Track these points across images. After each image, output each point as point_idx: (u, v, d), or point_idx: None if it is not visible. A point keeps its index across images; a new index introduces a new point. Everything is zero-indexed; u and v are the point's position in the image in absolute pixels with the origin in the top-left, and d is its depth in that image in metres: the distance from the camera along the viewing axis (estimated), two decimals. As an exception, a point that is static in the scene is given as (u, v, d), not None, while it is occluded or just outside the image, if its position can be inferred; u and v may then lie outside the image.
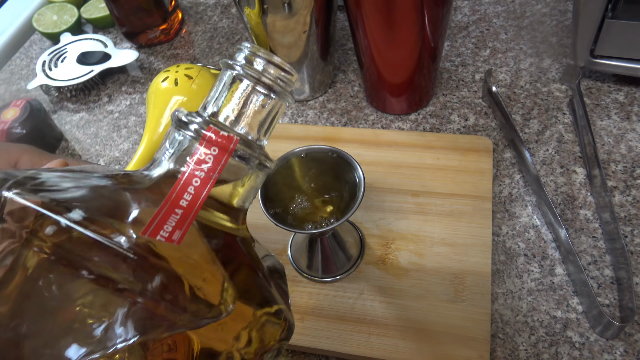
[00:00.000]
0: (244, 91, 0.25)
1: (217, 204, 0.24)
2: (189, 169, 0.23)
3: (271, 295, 0.25)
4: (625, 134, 0.49)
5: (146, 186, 0.24)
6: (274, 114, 0.26)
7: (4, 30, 0.80)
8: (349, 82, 0.60)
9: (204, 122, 0.24)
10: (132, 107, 0.64)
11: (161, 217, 0.21)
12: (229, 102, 0.25)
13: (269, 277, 0.25)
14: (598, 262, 0.42)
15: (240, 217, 0.26)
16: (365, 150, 0.51)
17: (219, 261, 0.23)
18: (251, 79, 0.25)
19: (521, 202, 0.46)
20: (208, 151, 0.23)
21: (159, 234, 0.21)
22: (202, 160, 0.23)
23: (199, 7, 0.76)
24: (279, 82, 0.25)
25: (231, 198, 0.25)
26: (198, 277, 0.22)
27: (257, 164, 0.25)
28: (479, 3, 0.65)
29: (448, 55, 0.60)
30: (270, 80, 0.25)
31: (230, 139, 0.23)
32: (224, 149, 0.23)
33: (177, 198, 0.22)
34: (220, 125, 0.24)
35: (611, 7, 0.47)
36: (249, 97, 0.25)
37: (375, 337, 0.39)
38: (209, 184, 0.23)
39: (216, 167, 0.23)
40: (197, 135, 0.23)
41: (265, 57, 0.25)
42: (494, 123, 0.53)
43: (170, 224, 0.21)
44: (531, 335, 0.39)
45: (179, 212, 0.22)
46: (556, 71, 0.56)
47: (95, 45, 0.68)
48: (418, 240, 0.44)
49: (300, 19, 0.49)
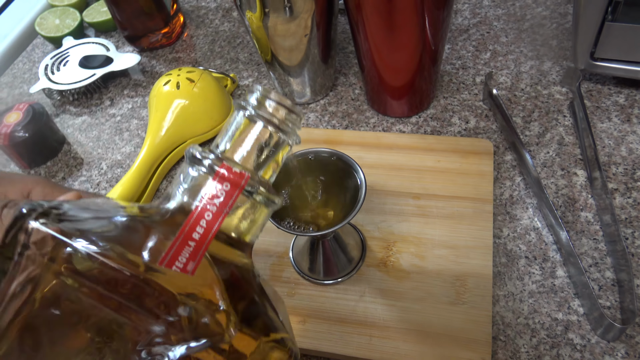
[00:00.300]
0: (255, 131, 0.26)
1: (225, 236, 0.26)
2: (202, 203, 0.24)
3: (275, 323, 0.26)
4: (626, 136, 0.49)
5: (161, 219, 0.25)
6: (282, 152, 0.27)
7: (6, 34, 0.81)
8: (350, 85, 0.60)
9: (217, 159, 0.25)
10: (134, 110, 0.64)
11: (176, 248, 0.23)
12: (241, 141, 0.26)
13: (274, 308, 0.26)
14: (599, 264, 0.42)
15: (247, 250, 0.27)
16: (366, 153, 0.51)
17: (224, 290, 0.24)
18: (262, 120, 0.26)
19: (522, 205, 0.46)
20: (220, 186, 0.24)
21: (175, 265, 0.22)
22: (215, 195, 0.24)
23: (201, 10, 0.76)
24: (287, 122, 0.27)
25: (239, 231, 0.26)
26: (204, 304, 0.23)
27: (265, 200, 0.26)
28: (479, 6, 0.66)
29: (449, 58, 0.60)
30: (279, 121, 0.26)
31: (242, 175, 0.25)
32: (235, 185, 0.24)
33: (190, 230, 0.23)
34: (233, 162, 0.26)
35: (611, 10, 0.47)
36: (259, 136, 0.26)
37: (376, 340, 0.39)
38: (220, 218, 0.24)
39: (228, 202, 0.24)
40: (211, 171, 0.25)
41: (275, 100, 0.27)
42: (494, 126, 0.53)
43: (185, 255, 0.23)
44: (532, 338, 0.39)
45: (192, 244, 0.23)
46: (557, 74, 0.56)
47: (98, 49, 0.68)
48: (419, 242, 0.44)
49: (302, 23, 0.49)
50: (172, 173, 0.56)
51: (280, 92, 0.59)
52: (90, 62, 0.66)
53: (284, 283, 0.44)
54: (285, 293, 0.43)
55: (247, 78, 0.64)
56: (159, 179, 0.55)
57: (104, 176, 0.57)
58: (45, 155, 0.61)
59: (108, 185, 0.56)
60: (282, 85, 0.58)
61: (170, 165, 0.56)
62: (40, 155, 0.60)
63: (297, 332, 0.41)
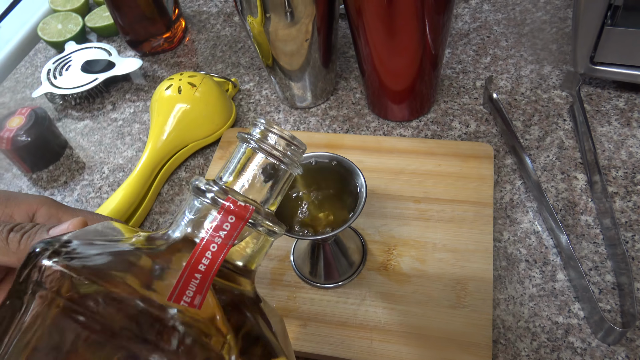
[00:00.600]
0: (258, 163, 0.27)
1: (229, 265, 0.26)
2: (207, 235, 0.25)
3: (275, 348, 0.26)
4: (626, 140, 0.49)
5: (166, 250, 0.25)
6: (283, 183, 0.28)
7: (9, 39, 0.81)
8: (350, 90, 0.61)
9: (222, 192, 0.26)
10: (136, 114, 0.64)
11: (183, 282, 0.23)
12: (244, 173, 0.27)
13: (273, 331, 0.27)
14: (599, 267, 0.42)
15: (251, 277, 0.28)
16: (367, 157, 0.51)
17: (225, 318, 0.25)
18: (264, 152, 0.27)
19: (522, 208, 0.47)
20: (225, 219, 0.25)
21: (182, 300, 0.23)
22: (220, 227, 0.25)
23: (202, 15, 0.76)
24: (289, 154, 0.27)
25: (243, 261, 0.27)
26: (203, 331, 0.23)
27: (267, 231, 0.27)
28: (479, 11, 0.66)
29: (449, 63, 0.61)
30: (281, 153, 0.27)
31: (246, 208, 0.25)
32: (240, 218, 0.25)
33: (196, 263, 0.24)
34: (237, 194, 0.26)
35: (610, 15, 0.47)
36: (262, 168, 0.27)
37: (377, 343, 0.39)
38: (225, 250, 0.25)
39: (232, 234, 0.25)
40: (216, 204, 0.25)
41: (277, 133, 0.27)
42: (494, 130, 0.53)
43: (192, 289, 0.23)
44: (533, 341, 0.39)
45: (198, 277, 0.23)
46: (556, 78, 0.56)
47: (100, 53, 0.68)
48: (420, 246, 0.44)
49: (302, 27, 0.50)
50: (174, 177, 0.56)
51: (282, 97, 0.60)
52: (92, 67, 0.67)
53: (285, 287, 0.44)
54: (286, 297, 0.43)
55: (249, 82, 0.65)
56: (160, 182, 0.55)
57: (106, 180, 0.58)
58: (48, 160, 0.61)
59: (110, 189, 0.57)
60: (283, 89, 0.58)
61: (172, 169, 0.56)
62: (42, 159, 0.60)
63: (298, 335, 0.41)
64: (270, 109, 0.61)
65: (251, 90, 0.64)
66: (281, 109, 0.60)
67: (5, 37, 0.82)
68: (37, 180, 0.60)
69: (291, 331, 0.41)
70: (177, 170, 0.57)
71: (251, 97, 0.63)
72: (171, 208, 0.54)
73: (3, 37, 0.82)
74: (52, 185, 0.59)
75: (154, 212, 0.54)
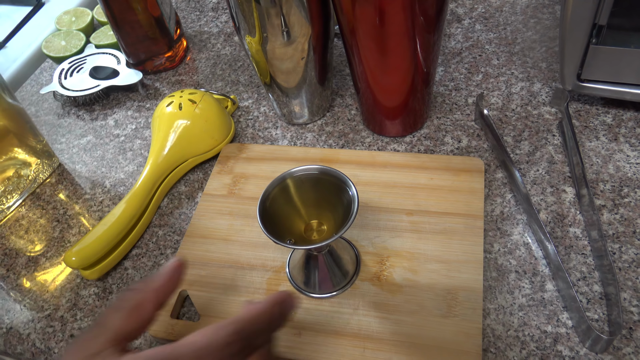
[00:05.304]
0: None
1: None
2: None
3: None
4: (613, 154, 0.51)
5: None
6: None
7: (15, 58, 0.83)
8: (346, 106, 0.62)
9: None
10: (138, 130, 0.66)
11: None
12: None
13: None
14: (587, 278, 0.43)
15: None
16: (361, 171, 0.52)
17: None
18: None
19: (512, 221, 0.48)
20: None
21: None
22: None
23: (203, 35, 0.79)
24: None
25: None
26: None
27: None
28: (472, 30, 0.68)
29: (442, 80, 0.62)
30: None
31: None
32: None
33: None
34: None
35: (595, 34, 0.49)
36: None
37: (369, 352, 0.40)
38: None
39: None
40: None
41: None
42: (486, 145, 0.55)
43: None
44: (522, 350, 0.40)
45: None
46: (546, 95, 0.58)
47: (110, 60, 0.72)
48: (412, 257, 0.45)
49: (299, 46, 0.51)
50: (173, 191, 0.58)
51: (279, 114, 0.61)
52: (98, 73, 0.70)
53: (280, 297, 0.45)
54: (281, 307, 0.44)
55: (247, 99, 0.66)
56: (160, 196, 0.56)
57: (107, 194, 0.59)
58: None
59: (111, 203, 0.58)
60: (281, 106, 0.60)
61: (172, 183, 0.58)
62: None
63: (293, 344, 0.42)
64: (268, 125, 0.62)
65: (250, 107, 0.65)
66: (279, 125, 0.62)
67: (11, 56, 0.84)
68: (40, 195, 0.61)
69: (286, 340, 0.42)
70: (177, 184, 0.58)
71: (250, 114, 0.64)
72: (170, 221, 0.55)
73: (10, 56, 0.85)
74: (54, 199, 0.60)
75: (153, 225, 0.55)
